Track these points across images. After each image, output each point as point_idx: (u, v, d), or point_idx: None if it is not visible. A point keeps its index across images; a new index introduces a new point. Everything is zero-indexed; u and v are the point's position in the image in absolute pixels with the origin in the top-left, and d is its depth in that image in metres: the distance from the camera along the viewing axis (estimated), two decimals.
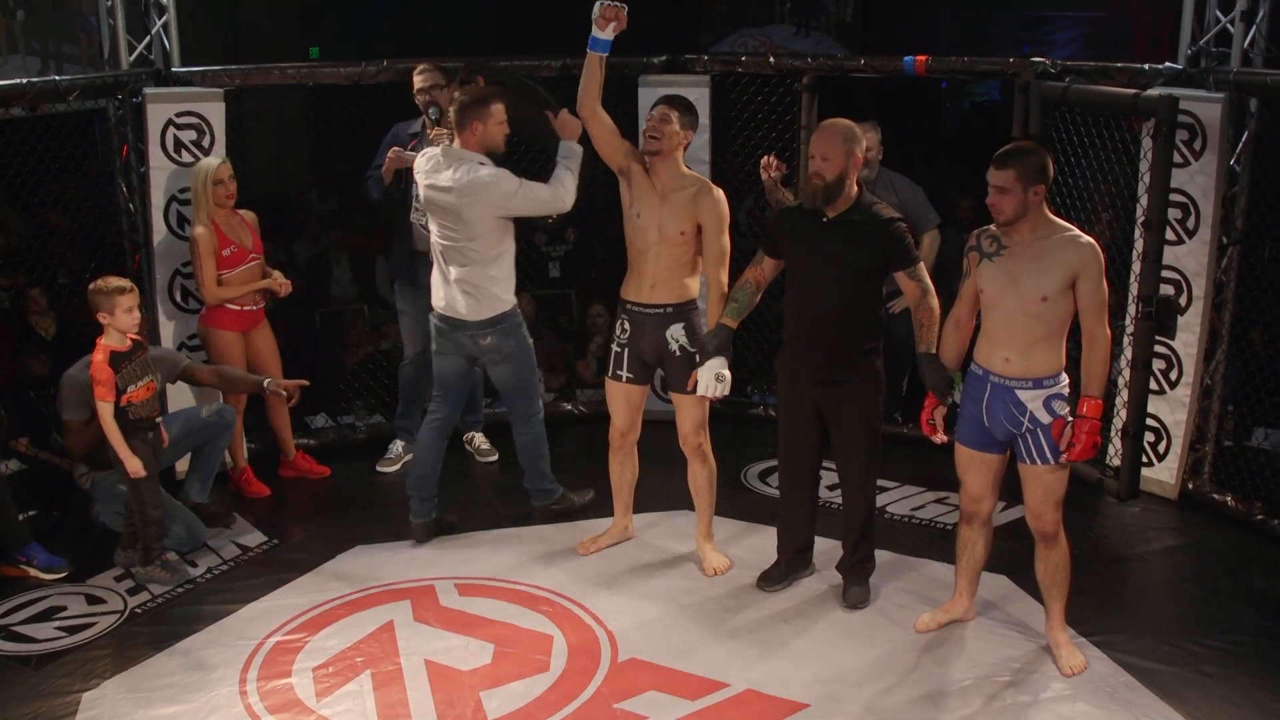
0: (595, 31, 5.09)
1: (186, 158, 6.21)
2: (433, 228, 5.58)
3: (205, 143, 6.25)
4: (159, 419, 5.52)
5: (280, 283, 6.25)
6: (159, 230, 6.25)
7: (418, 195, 6.24)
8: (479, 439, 6.93)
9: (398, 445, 6.81)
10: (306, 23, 11.83)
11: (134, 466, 5.28)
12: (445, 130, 6.07)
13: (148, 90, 6.18)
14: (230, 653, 4.87)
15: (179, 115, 6.19)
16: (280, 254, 8.21)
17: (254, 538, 5.91)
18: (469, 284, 5.53)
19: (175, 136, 6.20)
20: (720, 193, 5.23)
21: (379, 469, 6.72)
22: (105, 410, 5.26)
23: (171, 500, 5.70)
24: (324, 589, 5.39)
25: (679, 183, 5.21)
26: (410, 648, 4.89)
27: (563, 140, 5.47)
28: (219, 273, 6.08)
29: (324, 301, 8.56)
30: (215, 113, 6.27)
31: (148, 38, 6.34)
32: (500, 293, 5.58)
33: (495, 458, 6.86)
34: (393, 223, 6.73)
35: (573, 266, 8.71)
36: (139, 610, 5.23)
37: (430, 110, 6.19)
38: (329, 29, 11.61)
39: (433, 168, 5.51)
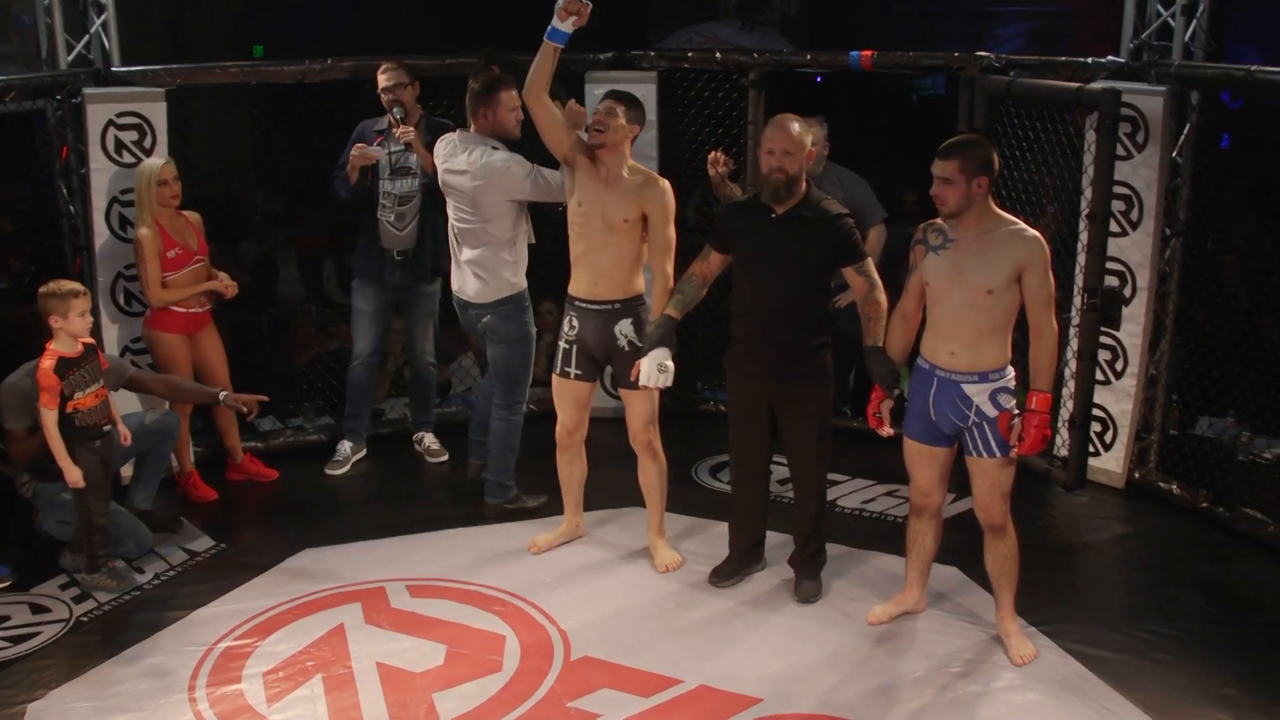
0: (555, 22, 5.05)
1: (128, 158, 6.12)
2: (450, 211, 5.73)
3: (147, 143, 6.16)
4: (107, 427, 5.44)
5: (226, 284, 6.19)
6: (100, 232, 6.16)
7: (385, 192, 6.25)
8: (429, 439, 6.88)
9: (346, 446, 6.74)
10: (250, 21, 11.71)
11: (73, 476, 5.20)
12: (411, 128, 6.10)
13: (87, 90, 6.08)
14: (179, 659, 4.81)
15: (119, 116, 6.10)
16: (226, 255, 8.12)
17: (202, 543, 5.84)
18: (480, 266, 5.68)
19: (116, 137, 6.11)
20: (666, 184, 5.23)
21: (328, 471, 6.66)
22: (49, 418, 5.18)
23: (117, 508, 5.63)
24: (274, 593, 5.33)
25: (625, 173, 5.21)
26: (362, 650, 4.86)
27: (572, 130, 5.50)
28: (164, 275, 6.01)
29: (271, 302, 8.48)
30: (156, 113, 6.19)
31: (86, 37, 6.25)
32: (510, 275, 5.75)
33: (445, 458, 6.82)
34: (347, 222, 6.69)
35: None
36: (85, 619, 5.16)
37: (395, 109, 6.20)
38: (273, 27, 11.50)
39: (450, 152, 5.68)
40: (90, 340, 5.35)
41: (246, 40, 11.36)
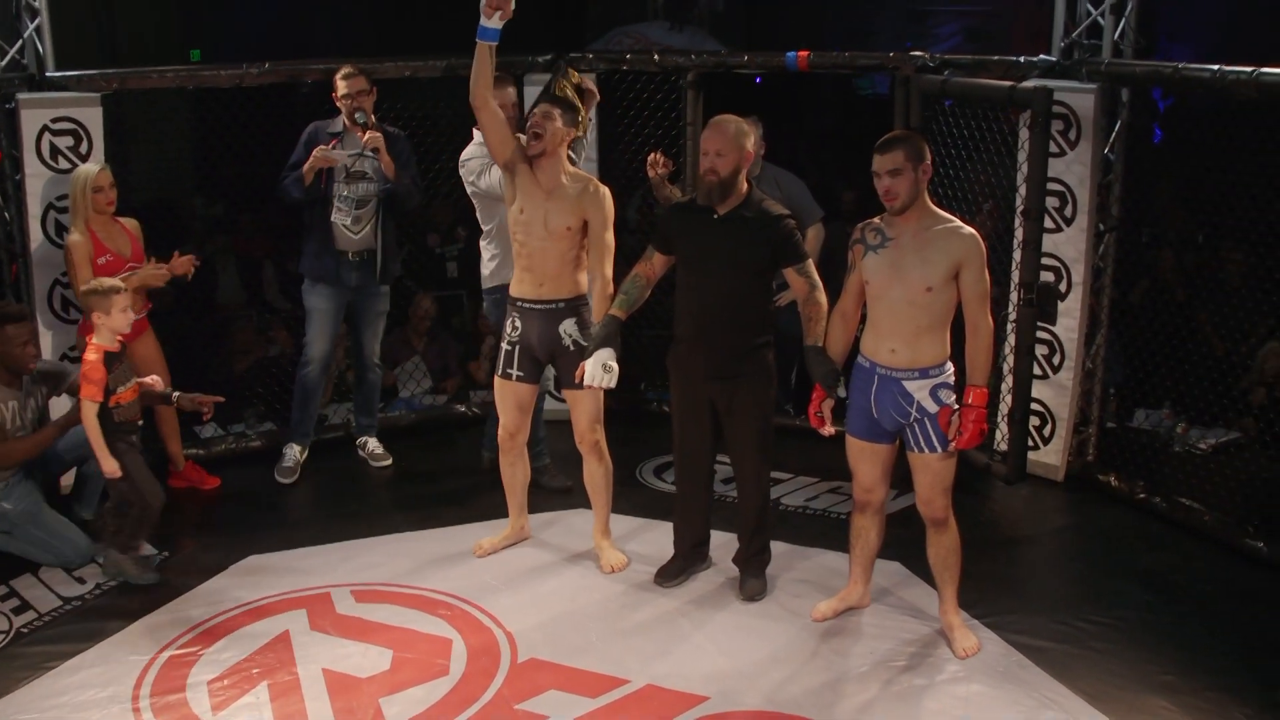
0: (483, 20, 5.02)
1: (64, 164, 6.06)
2: None
3: (83, 149, 6.10)
4: (140, 422, 5.48)
5: (158, 273, 6.09)
6: (36, 238, 6.09)
7: (339, 195, 6.24)
8: (373, 444, 6.85)
9: (295, 450, 6.67)
10: (187, 25, 11.60)
11: (110, 467, 5.24)
12: (379, 134, 6.11)
13: (21, 96, 6.01)
14: (122, 669, 4.76)
15: (55, 121, 6.04)
16: (165, 260, 8.03)
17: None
18: (482, 253, 6.16)
19: (51, 143, 6.05)
20: (605, 190, 5.25)
21: (281, 480, 6.56)
22: (90, 410, 5.22)
23: (57, 516, 5.60)
24: (218, 600, 5.29)
25: (564, 180, 5.21)
26: (307, 656, 4.83)
27: None
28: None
29: (210, 308, 8.40)
30: (92, 118, 6.13)
31: (20, 41, 6.17)
32: (492, 264, 6.10)
33: (389, 462, 6.79)
34: (287, 226, 6.63)
35: (469, 266, 8.65)
36: (25, 630, 5.09)
37: (356, 115, 6.19)
38: (210, 31, 11.40)
39: None
40: (126, 338, 5.42)
41: (183, 44, 11.25)
